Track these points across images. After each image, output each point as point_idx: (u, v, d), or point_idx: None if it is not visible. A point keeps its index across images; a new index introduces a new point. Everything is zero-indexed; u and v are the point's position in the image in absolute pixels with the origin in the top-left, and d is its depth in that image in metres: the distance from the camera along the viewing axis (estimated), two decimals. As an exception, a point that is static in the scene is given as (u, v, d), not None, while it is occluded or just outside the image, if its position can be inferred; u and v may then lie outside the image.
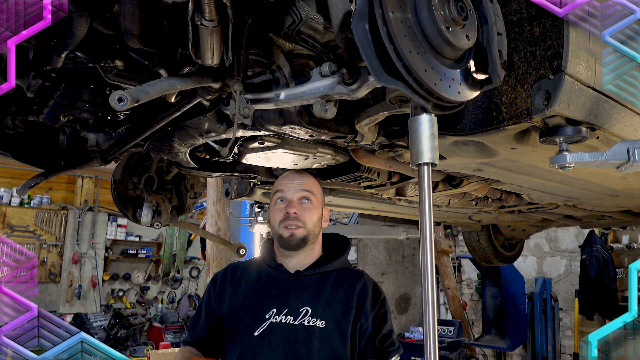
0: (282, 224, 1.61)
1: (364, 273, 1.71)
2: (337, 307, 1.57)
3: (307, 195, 1.64)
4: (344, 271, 1.68)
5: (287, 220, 1.61)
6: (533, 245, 7.58)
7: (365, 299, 1.61)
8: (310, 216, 1.63)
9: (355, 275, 1.67)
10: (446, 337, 6.80)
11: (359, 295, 1.61)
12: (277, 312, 1.56)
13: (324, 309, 1.56)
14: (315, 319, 1.54)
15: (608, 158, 1.29)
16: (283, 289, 1.61)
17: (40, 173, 1.93)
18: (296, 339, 1.52)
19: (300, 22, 1.22)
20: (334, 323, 1.55)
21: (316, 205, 1.65)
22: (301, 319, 1.54)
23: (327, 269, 1.65)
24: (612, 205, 2.91)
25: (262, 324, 1.54)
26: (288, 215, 1.61)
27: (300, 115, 1.47)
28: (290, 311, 1.55)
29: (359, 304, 1.59)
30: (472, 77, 1.12)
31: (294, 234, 1.60)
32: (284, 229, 1.61)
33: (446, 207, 2.98)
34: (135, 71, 1.40)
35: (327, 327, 1.53)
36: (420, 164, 1.04)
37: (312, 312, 1.55)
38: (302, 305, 1.56)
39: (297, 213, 1.61)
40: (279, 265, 1.66)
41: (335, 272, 1.66)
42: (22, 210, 9.32)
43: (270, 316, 1.55)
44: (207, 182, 5.39)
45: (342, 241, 1.77)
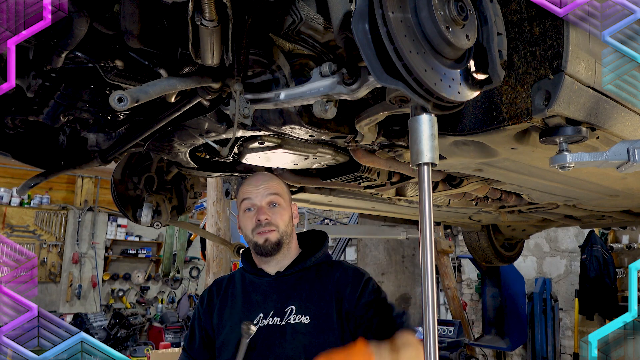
0: (255, 231, 1.61)
1: (343, 262, 1.71)
2: (319, 300, 1.57)
3: (275, 200, 1.64)
4: (323, 265, 1.68)
5: (260, 227, 1.60)
6: (533, 245, 7.58)
7: (346, 284, 1.59)
8: (281, 218, 1.63)
9: (334, 266, 1.67)
10: (446, 337, 6.79)
11: (337, 283, 1.60)
12: (264, 315, 1.56)
13: (307, 304, 1.56)
14: (300, 316, 1.55)
15: (608, 158, 1.29)
16: (266, 292, 1.62)
17: (40, 173, 1.93)
18: (285, 338, 1.52)
19: (300, 22, 1.22)
20: (319, 317, 1.54)
21: (285, 206, 1.65)
22: (287, 318, 1.55)
23: (306, 265, 1.65)
24: (612, 205, 2.91)
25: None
26: (260, 222, 1.60)
27: (300, 115, 1.47)
28: (276, 312, 1.56)
29: (339, 291, 1.58)
30: (472, 77, 1.12)
31: (268, 239, 1.60)
32: (258, 236, 1.61)
33: (446, 207, 2.98)
34: (135, 71, 1.40)
35: (312, 322, 1.54)
36: (420, 164, 1.04)
37: (297, 310, 1.55)
38: (286, 305, 1.57)
39: (269, 218, 1.61)
40: (259, 271, 1.66)
41: (314, 267, 1.66)
42: (22, 210, 9.33)
43: (259, 321, 1.56)
44: (207, 182, 5.39)
45: (319, 236, 1.77)
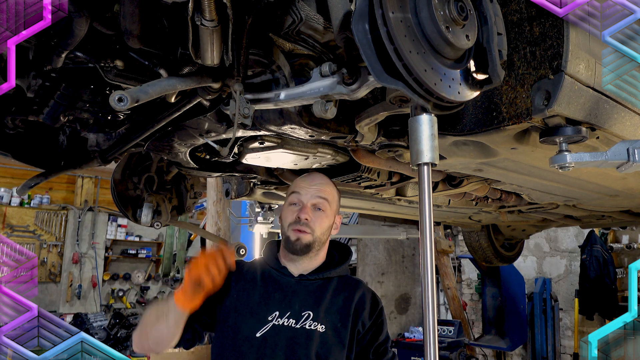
0: (292, 226, 1.62)
1: (361, 282, 1.74)
2: (337, 314, 1.59)
3: (321, 203, 1.64)
4: (344, 279, 1.70)
5: (297, 224, 1.61)
6: (533, 245, 7.58)
7: (364, 307, 1.63)
8: (320, 224, 1.63)
9: (355, 284, 1.69)
10: (446, 337, 6.80)
11: (357, 303, 1.63)
12: (280, 314, 1.56)
13: (325, 314, 1.58)
14: (316, 323, 1.56)
15: (608, 158, 1.29)
16: (286, 292, 1.61)
17: (40, 173, 1.93)
18: (297, 342, 1.53)
19: (300, 22, 1.22)
20: (333, 329, 1.57)
21: (329, 213, 1.66)
22: (302, 322, 1.56)
23: (329, 275, 1.66)
24: (612, 205, 2.91)
25: (264, 326, 1.55)
26: (299, 220, 1.61)
27: (300, 115, 1.47)
28: (293, 314, 1.56)
29: (357, 312, 1.61)
30: (472, 77, 1.12)
31: (300, 239, 1.60)
32: (292, 232, 1.61)
33: (446, 207, 2.98)
34: (135, 71, 1.40)
35: (326, 332, 1.55)
36: (420, 164, 1.05)
37: (314, 316, 1.56)
38: (304, 309, 1.58)
39: (308, 219, 1.61)
40: (283, 268, 1.66)
41: (336, 278, 1.68)
42: (22, 210, 9.32)
43: (273, 318, 1.56)
44: (207, 182, 5.39)
45: (344, 249, 1.79)
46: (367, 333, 1.62)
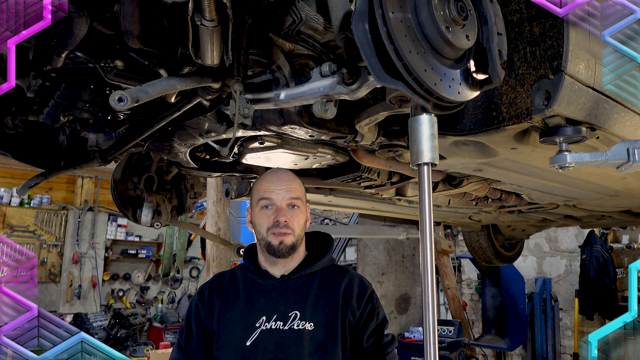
0: (271, 230, 1.58)
1: (349, 269, 1.70)
2: (325, 308, 1.56)
3: (295, 202, 1.61)
4: (329, 270, 1.66)
5: (277, 228, 1.57)
6: (533, 245, 7.58)
7: (352, 295, 1.59)
8: (298, 222, 1.60)
9: (340, 273, 1.66)
10: (446, 337, 6.80)
11: (344, 292, 1.59)
12: (267, 319, 1.54)
13: (312, 311, 1.55)
14: (304, 322, 1.53)
15: (608, 158, 1.29)
16: (270, 295, 1.59)
17: (40, 173, 1.93)
18: (287, 343, 1.51)
19: (300, 22, 1.22)
20: (323, 324, 1.54)
21: (303, 209, 1.63)
22: (290, 323, 1.53)
23: (312, 270, 1.63)
24: (612, 205, 2.91)
25: (253, 333, 1.53)
26: (278, 223, 1.57)
27: (300, 115, 1.47)
28: (279, 317, 1.54)
29: (345, 301, 1.58)
30: (472, 77, 1.12)
31: (283, 242, 1.57)
32: (273, 237, 1.58)
33: (446, 207, 2.98)
34: (135, 71, 1.40)
35: (316, 329, 1.53)
36: (420, 164, 1.05)
37: (301, 315, 1.54)
38: (290, 310, 1.55)
39: (288, 221, 1.57)
40: (263, 272, 1.63)
41: (320, 271, 1.64)
42: (22, 210, 9.33)
43: (261, 324, 1.54)
44: (207, 182, 5.39)
45: (324, 239, 1.75)
46: (359, 320, 1.57)
